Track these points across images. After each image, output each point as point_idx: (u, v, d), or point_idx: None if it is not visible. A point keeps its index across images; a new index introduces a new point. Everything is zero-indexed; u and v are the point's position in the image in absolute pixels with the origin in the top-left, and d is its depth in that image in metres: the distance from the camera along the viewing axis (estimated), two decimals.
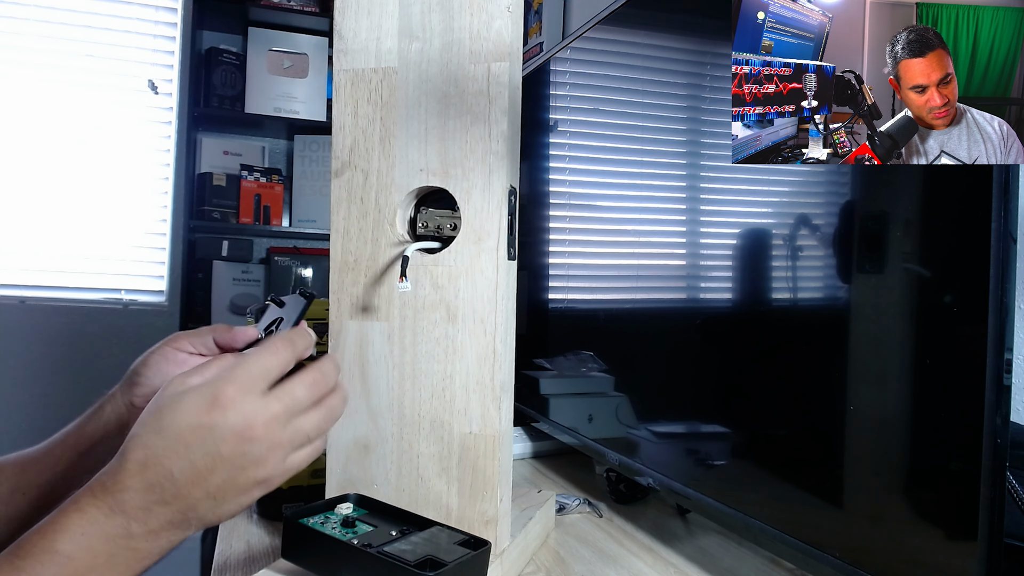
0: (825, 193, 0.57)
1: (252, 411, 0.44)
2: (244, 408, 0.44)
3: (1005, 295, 0.42)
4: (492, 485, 0.57)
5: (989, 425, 0.42)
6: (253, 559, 0.66)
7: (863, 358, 0.52)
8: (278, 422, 0.45)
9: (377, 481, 0.60)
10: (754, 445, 0.65)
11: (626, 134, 0.86)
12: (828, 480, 0.55)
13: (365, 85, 0.60)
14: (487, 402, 0.57)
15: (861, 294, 0.53)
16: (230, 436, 0.44)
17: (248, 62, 2.40)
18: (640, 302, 0.83)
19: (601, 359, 0.90)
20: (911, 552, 0.47)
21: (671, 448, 0.78)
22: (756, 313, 0.65)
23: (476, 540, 0.52)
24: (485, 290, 0.57)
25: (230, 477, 0.44)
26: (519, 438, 1.08)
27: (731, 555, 0.72)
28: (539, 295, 1.04)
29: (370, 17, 0.60)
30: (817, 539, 0.54)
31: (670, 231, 0.78)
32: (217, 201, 2.36)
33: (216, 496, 0.44)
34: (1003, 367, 0.42)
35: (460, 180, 0.57)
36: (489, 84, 0.57)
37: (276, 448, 0.45)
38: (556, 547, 0.72)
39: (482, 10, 0.57)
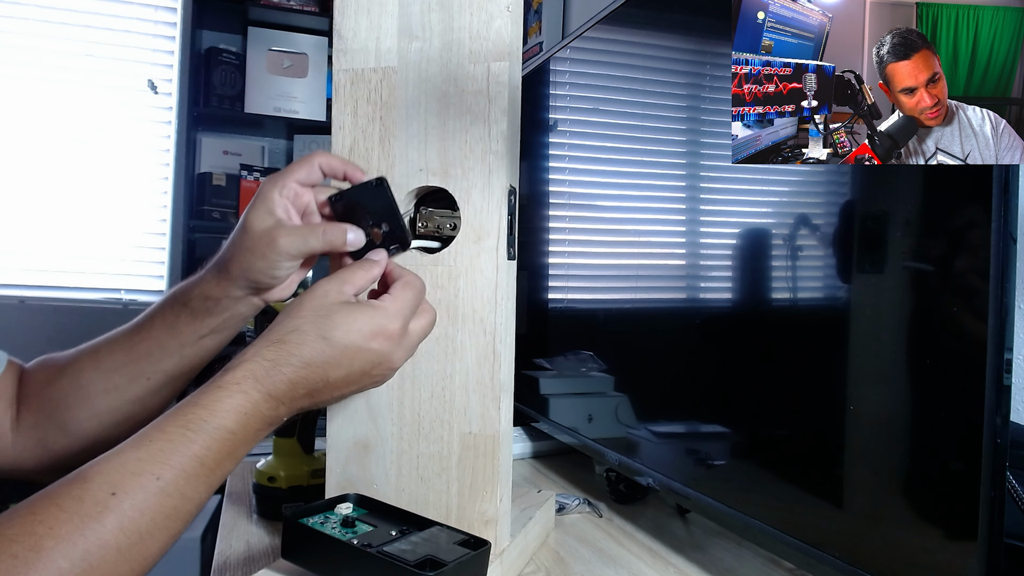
0: (825, 193, 0.57)
1: (404, 349, 0.53)
2: (401, 344, 0.53)
3: (1005, 295, 0.41)
4: (492, 485, 0.57)
5: (989, 425, 0.42)
6: (253, 559, 0.66)
7: (863, 358, 0.52)
8: (411, 351, 0.55)
9: (377, 481, 0.60)
10: (754, 445, 0.65)
11: (626, 134, 0.86)
12: (828, 480, 0.55)
13: (365, 85, 0.60)
14: (487, 402, 0.57)
15: (861, 294, 0.53)
16: (384, 363, 0.52)
17: (248, 62, 2.40)
18: (640, 302, 0.83)
19: (601, 359, 0.90)
20: (911, 552, 0.47)
21: (671, 448, 0.78)
22: (756, 313, 0.65)
23: (476, 540, 0.52)
24: (485, 290, 0.57)
25: (364, 385, 0.53)
26: (519, 438, 1.08)
27: (731, 555, 0.72)
28: (539, 295, 1.04)
29: (370, 17, 0.60)
30: (817, 539, 0.54)
31: (670, 231, 0.78)
32: (217, 201, 2.36)
33: (345, 394, 0.53)
34: (1003, 367, 0.42)
35: (460, 180, 0.57)
36: (489, 84, 0.57)
37: (401, 363, 0.54)
38: (556, 547, 0.72)
39: (482, 10, 0.57)
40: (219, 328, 0.60)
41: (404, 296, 0.53)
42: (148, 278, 2.39)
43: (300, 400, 0.50)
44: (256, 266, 0.55)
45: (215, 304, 0.58)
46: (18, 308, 2.18)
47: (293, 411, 0.51)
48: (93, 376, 0.60)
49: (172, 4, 2.42)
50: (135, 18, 2.40)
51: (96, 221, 2.33)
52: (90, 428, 0.60)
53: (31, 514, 0.40)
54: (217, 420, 0.46)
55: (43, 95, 2.29)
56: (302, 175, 0.57)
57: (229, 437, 0.46)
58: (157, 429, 0.46)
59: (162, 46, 2.44)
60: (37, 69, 2.29)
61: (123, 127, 2.37)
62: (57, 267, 2.29)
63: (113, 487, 0.42)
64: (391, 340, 0.51)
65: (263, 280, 0.57)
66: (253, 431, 0.48)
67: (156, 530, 0.43)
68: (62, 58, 2.31)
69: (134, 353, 0.60)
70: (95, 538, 0.40)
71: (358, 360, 0.51)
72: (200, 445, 0.45)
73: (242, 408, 0.47)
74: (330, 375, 0.50)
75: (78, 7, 2.33)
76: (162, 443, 0.45)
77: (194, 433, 0.45)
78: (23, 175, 2.26)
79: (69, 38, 2.32)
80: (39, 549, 0.38)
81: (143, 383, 0.60)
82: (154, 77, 2.39)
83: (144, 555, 0.42)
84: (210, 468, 0.46)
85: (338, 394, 0.52)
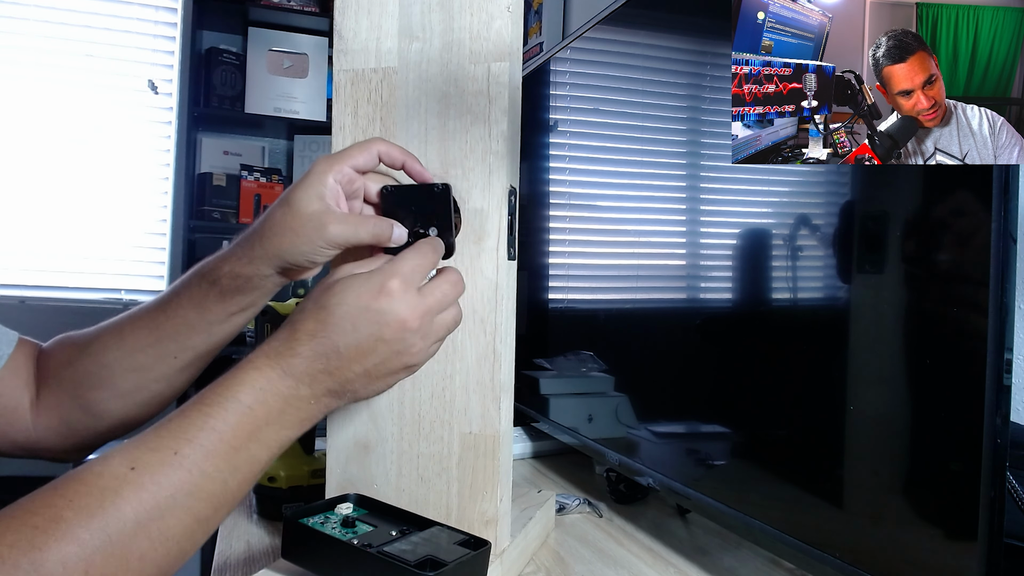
0: (825, 193, 0.57)
1: (413, 303, 0.49)
2: (407, 299, 0.49)
3: (1005, 295, 0.42)
4: (492, 485, 0.57)
5: (989, 425, 0.42)
6: (253, 559, 0.67)
7: (863, 358, 0.52)
8: (430, 315, 0.51)
9: (377, 481, 0.60)
10: (754, 445, 0.65)
11: (626, 134, 0.86)
12: (828, 480, 0.55)
13: (365, 85, 0.60)
14: (487, 402, 0.57)
15: (861, 294, 0.53)
16: (394, 322, 0.49)
17: (248, 62, 2.40)
18: (640, 302, 0.83)
19: (601, 359, 0.90)
20: (911, 552, 0.47)
21: (671, 448, 0.78)
22: (756, 313, 0.65)
23: (476, 540, 0.52)
24: (485, 290, 0.57)
25: (386, 359, 0.49)
26: (519, 438, 1.08)
27: (731, 555, 0.72)
28: (539, 295, 1.04)
29: (370, 17, 0.60)
30: (817, 539, 0.54)
31: (670, 231, 0.78)
32: (217, 201, 2.36)
33: (371, 373, 0.50)
34: (1003, 367, 0.42)
35: (460, 180, 0.57)
36: (489, 84, 0.57)
37: (425, 338, 0.51)
38: (556, 547, 0.72)
39: (482, 10, 0.57)
40: (247, 306, 0.58)
41: (410, 258, 0.51)
42: (148, 278, 2.39)
43: (321, 379, 0.48)
44: (299, 249, 0.53)
45: (246, 282, 0.56)
46: (18, 308, 2.18)
47: (317, 394, 0.49)
48: (117, 355, 0.59)
49: (172, 4, 2.42)
50: (135, 18, 2.41)
51: (96, 221, 2.33)
52: (115, 408, 0.60)
53: (53, 489, 0.41)
54: (231, 394, 0.46)
55: (43, 95, 2.29)
56: (360, 161, 0.55)
57: (246, 412, 0.46)
58: (177, 411, 0.46)
59: (162, 46, 2.44)
60: (37, 69, 2.29)
61: (123, 127, 2.37)
62: (57, 267, 2.29)
63: (132, 462, 0.42)
64: (393, 298, 0.48)
65: (301, 262, 0.54)
66: (275, 411, 0.47)
67: (176, 507, 0.43)
68: (62, 58, 2.31)
69: (160, 332, 0.59)
70: (113, 510, 0.40)
71: (363, 323, 0.48)
72: (217, 419, 0.45)
73: (256, 383, 0.47)
74: (340, 346, 0.48)
75: (78, 7, 2.33)
76: (180, 420, 0.45)
77: (210, 407, 0.46)
78: (23, 175, 2.26)
79: (69, 38, 2.32)
80: (59, 520, 0.39)
81: (170, 362, 0.59)
82: (154, 77, 2.39)
83: (164, 533, 0.42)
84: (231, 446, 0.45)
85: (360, 371, 0.49)
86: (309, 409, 0.49)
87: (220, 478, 0.45)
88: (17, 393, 0.60)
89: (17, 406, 0.60)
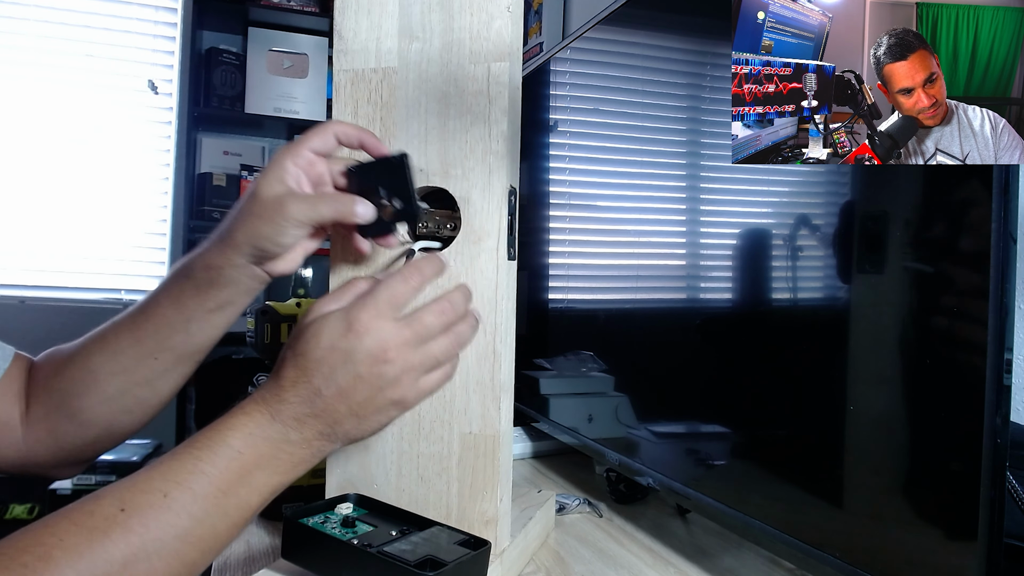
0: (825, 193, 0.57)
1: (385, 336, 0.48)
2: (378, 333, 0.48)
3: (1005, 295, 0.42)
4: (492, 485, 0.57)
5: (989, 425, 0.42)
6: (253, 559, 0.67)
7: (863, 358, 0.52)
8: (409, 346, 0.49)
9: (377, 481, 0.60)
10: (754, 445, 0.65)
11: (626, 134, 0.86)
12: (828, 480, 0.55)
13: (365, 85, 0.60)
14: (487, 402, 0.57)
15: (861, 294, 0.53)
16: (366, 358, 0.48)
17: (248, 62, 2.40)
18: (640, 302, 0.83)
19: (601, 359, 0.90)
20: (911, 552, 0.47)
21: (671, 448, 0.78)
22: (756, 313, 0.65)
23: (476, 540, 0.52)
24: (485, 290, 0.57)
25: (369, 396, 0.49)
26: (519, 438, 1.08)
27: (731, 555, 0.72)
28: (539, 295, 1.04)
29: (370, 17, 0.60)
30: (817, 539, 0.54)
31: (670, 231, 0.78)
32: (217, 201, 2.36)
33: (358, 413, 0.49)
34: (1003, 367, 0.42)
35: (460, 180, 0.57)
36: (489, 84, 0.57)
37: (409, 371, 0.49)
38: (556, 547, 0.72)
39: (482, 10, 0.57)
40: (225, 302, 0.58)
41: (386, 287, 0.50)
42: (148, 278, 2.39)
43: (309, 423, 0.48)
44: (263, 232, 0.54)
45: (218, 273, 0.56)
46: (18, 308, 2.18)
47: (308, 438, 0.49)
48: (101, 359, 0.59)
49: (172, 4, 2.42)
50: (135, 18, 2.41)
51: (96, 221, 2.33)
52: (100, 414, 0.60)
53: (44, 527, 0.41)
54: (221, 438, 0.47)
55: (43, 95, 2.29)
56: (316, 144, 0.55)
57: (236, 456, 0.46)
58: (168, 453, 0.46)
59: (162, 46, 2.44)
60: (37, 69, 2.29)
61: (123, 127, 2.37)
62: (57, 267, 2.30)
63: (122, 503, 0.43)
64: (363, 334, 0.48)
65: (268, 247, 0.55)
66: (266, 456, 0.47)
67: (163, 550, 0.43)
68: (62, 58, 2.31)
69: (140, 332, 0.59)
70: (101, 550, 0.41)
71: (337, 363, 0.48)
72: (207, 463, 0.45)
73: (246, 427, 0.47)
74: (321, 388, 0.48)
75: (78, 7, 2.33)
76: (171, 462, 0.46)
77: (200, 451, 0.46)
78: (23, 175, 2.26)
79: (69, 38, 2.32)
80: (48, 559, 0.39)
81: (151, 363, 0.59)
82: (154, 77, 2.40)
83: (151, 574, 0.42)
84: (221, 490, 0.45)
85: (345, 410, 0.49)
86: (300, 454, 0.49)
87: (209, 523, 0.45)
88: (9, 407, 0.60)
89: (8, 420, 0.60)
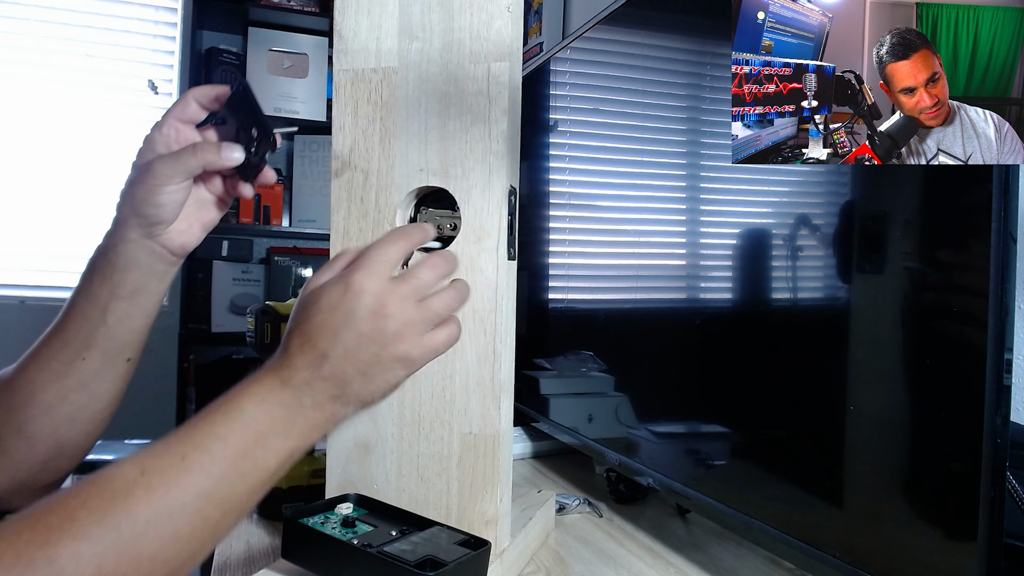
0: (825, 193, 0.57)
1: (381, 291, 0.50)
2: (375, 290, 0.50)
3: (1005, 295, 0.41)
4: (492, 485, 0.57)
5: (989, 425, 0.42)
6: (253, 559, 0.67)
7: (863, 358, 0.52)
8: (408, 300, 0.51)
9: (377, 481, 0.60)
10: (754, 445, 0.65)
11: (626, 134, 0.86)
12: (828, 480, 0.55)
13: (365, 85, 0.60)
14: (487, 402, 0.57)
15: (861, 294, 0.53)
16: (367, 315, 0.49)
17: (248, 62, 2.40)
18: (640, 302, 0.83)
19: (601, 359, 0.90)
20: (911, 552, 0.47)
21: (671, 448, 0.78)
22: (756, 313, 0.65)
23: (476, 540, 0.52)
24: (485, 290, 0.57)
25: (374, 353, 0.50)
26: (519, 438, 1.08)
27: (731, 555, 0.72)
28: (539, 295, 1.04)
29: (370, 17, 0.60)
30: (817, 539, 0.54)
31: (670, 231, 0.78)
32: None
33: (365, 372, 0.50)
34: (1003, 367, 0.42)
35: (460, 180, 0.57)
36: (489, 84, 0.57)
37: (410, 325, 0.51)
38: (556, 547, 0.72)
39: (482, 10, 0.57)
40: (135, 287, 0.60)
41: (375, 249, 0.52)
42: None
43: (319, 385, 0.50)
44: (139, 196, 0.57)
45: (115, 254, 0.59)
46: (18, 308, 2.18)
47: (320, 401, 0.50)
48: (35, 369, 0.60)
49: (172, 4, 2.42)
50: (135, 18, 2.40)
51: (97, 221, 2.32)
52: (44, 425, 0.60)
53: (68, 493, 0.43)
54: (235, 404, 0.48)
55: (44, 95, 2.29)
56: (178, 111, 0.60)
57: (250, 420, 0.48)
58: (184, 422, 0.48)
59: (162, 46, 2.44)
60: (37, 69, 2.29)
61: (123, 127, 2.37)
62: (57, 267, 2.29)
63: (143, 467, 0.44)
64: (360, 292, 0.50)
65: (148, 211, 0.57)
66: (280, 420, 0.49)
67: (185, 508, 0.44)
68: (62, 58, 2.31)
69: (65, 334, 0.60)
70: (124, 510, 0.42)
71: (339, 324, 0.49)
72: (222, 427, 0.47)
73: (258, 394, 0.49)
74: (327, 351, 0.49)
75: (78, 7, 2.33)
76: (187, 429, 0.47)
77: (214, 416, 0.48)
78: (23, 175, 2.26)
79: (69, 38, 2.32)
80: (73, 519, 0.40)
81: (80, 364, 0.60)
82: (154, 77, 2.39)
83: (175, 534, 0.43)
84: (237, 452, 0.47)
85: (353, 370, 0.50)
86: (314, 417, 0.50)
87: (227, 483, 0.46)
88: None
89: None
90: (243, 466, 0.47)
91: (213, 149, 0.57)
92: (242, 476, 0.47)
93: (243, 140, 0.59)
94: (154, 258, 0.60)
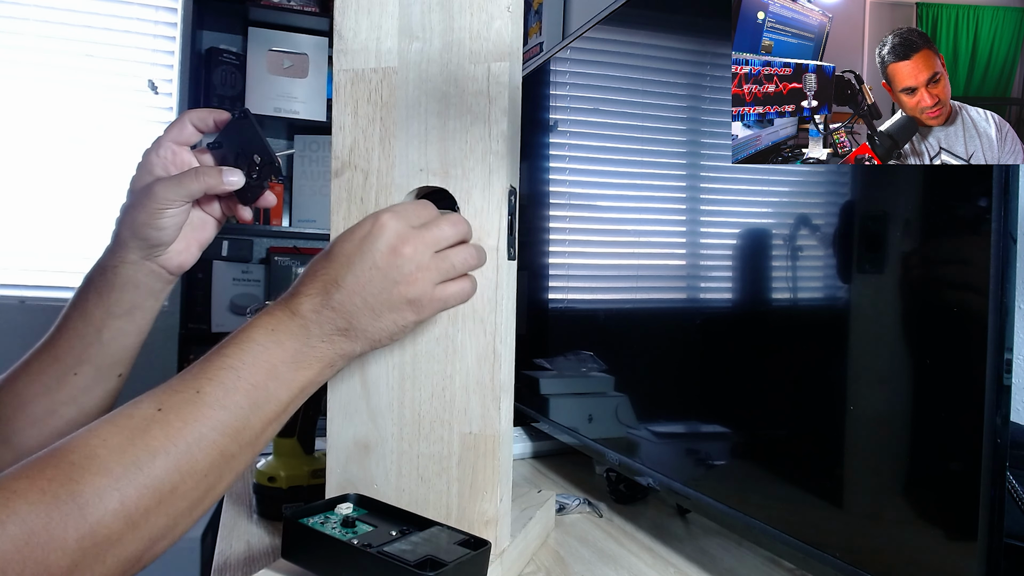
0: (825, 193, 0.57)
1: (403, 232, 0.51)
2: (397, 228, 0.51)
3: (1005, 295, 0.42)
4: (492, 485, 0.57)
5: (989, 425, 0.42)
6: (253, 559, 0.67)
7: (863, 358, 0.52)
8: (426, 246, 0.51)
9: (377, 481, 0.60)
10: (754, 445, 0.65)
11: (626, 134, 0.86)
12: (828, 480, 0.55)
13: (365, 85, 0.60)
14: (487, 402, 0.57)
15: (861, 294, 0.53)
16: (384, 249, 0.50)
17: (248, 62, 2.40)
18: (640, 302, 0.83)
19: (601, 359, 0.90)
20: (911, 552, 0.47)
21: (671, 448, 0.78)
22: (756, 313, 0.65)
23: (476, 540, 0.52)
24: (485, 290, 0.57)
25: (384, 288, 0.50)
26: (519, 438, 1.08)
27: (731, 555, 0.72)
28: (539, 295, 1.04)
29: (370, 17, 0.60)
30: (817, 539, 0.54)
31: (670, 231, 0.78)
32: None
33: (373, 307, 0.50)
34: (1003, 367, 0.42)
35: (460, 180, 0.57)
36: (489, 84, 0.57)
37: (424, 270, 0.51)
38: (556, 547, 0.72)
39: (482, 10, 0.57)
40: (131, 306, 0.60)
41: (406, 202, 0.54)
42: None
43: (327, 315, 0.50)
44: (140, 219, 0.58)
45: (113, 274, 0.59)
46: (18, 308, 2.18)
47: (328, 332, 0.50)
48: (25, 382, 0.61)
49: (172, 4, 2.42)
50: (135, 18, 2.40)
51: (96, 221, 2.32)
52: (32, 437, 0.61)
53: (88, 431, 0.43)
54: (246, 336, 0.49)
55: (43, 95, 2.29)
56: (174, 134, 0.61)
57: (260, 351, 0.48)
58: (200, 359, 0.49)
59: (162, 46, 2.44)
60: (37, 69, 2.29)
61: (123, 127, 2.36)
62: (57, 267, 2.29)
63: (159, 404, 0.45)
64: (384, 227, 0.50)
65: (150, 234, 0.58)
66: (290, 350, 0.49)
67: (202, 441, 0.45)
68: (62, 58, 2.31)
69: (57, 350, 0.61)
70: (143, 445, 0.43)
71: (357, 255, 0.50)
72: (234, 359, 0.48)
73: (267, 325, 0.49)
74: (339, 279, 0.50)
75: (78, 7, 2.33)
76: (201, 364, 0.48)
77: (227, 349, 0.48)
78: (23, 175, 2.26)
79: (69, 38, 2.32)
80: (93, 456, 0.41)
81: (72, 379, 0.61)
82: (154, 77, 2.39)
83: (193, 466, 0.44)
84: (250, 383, 0.47)
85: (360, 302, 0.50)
86: (322, 348, 0.50)
87: (242, 414, 0.47)
88: None
89: None
90: (256, 397, 0.47)
91: (215, 173, 0.59)
92: (255, 407, 0.47)
93: (241, 164, 0.59)
94: (152, 278, 0.61)
